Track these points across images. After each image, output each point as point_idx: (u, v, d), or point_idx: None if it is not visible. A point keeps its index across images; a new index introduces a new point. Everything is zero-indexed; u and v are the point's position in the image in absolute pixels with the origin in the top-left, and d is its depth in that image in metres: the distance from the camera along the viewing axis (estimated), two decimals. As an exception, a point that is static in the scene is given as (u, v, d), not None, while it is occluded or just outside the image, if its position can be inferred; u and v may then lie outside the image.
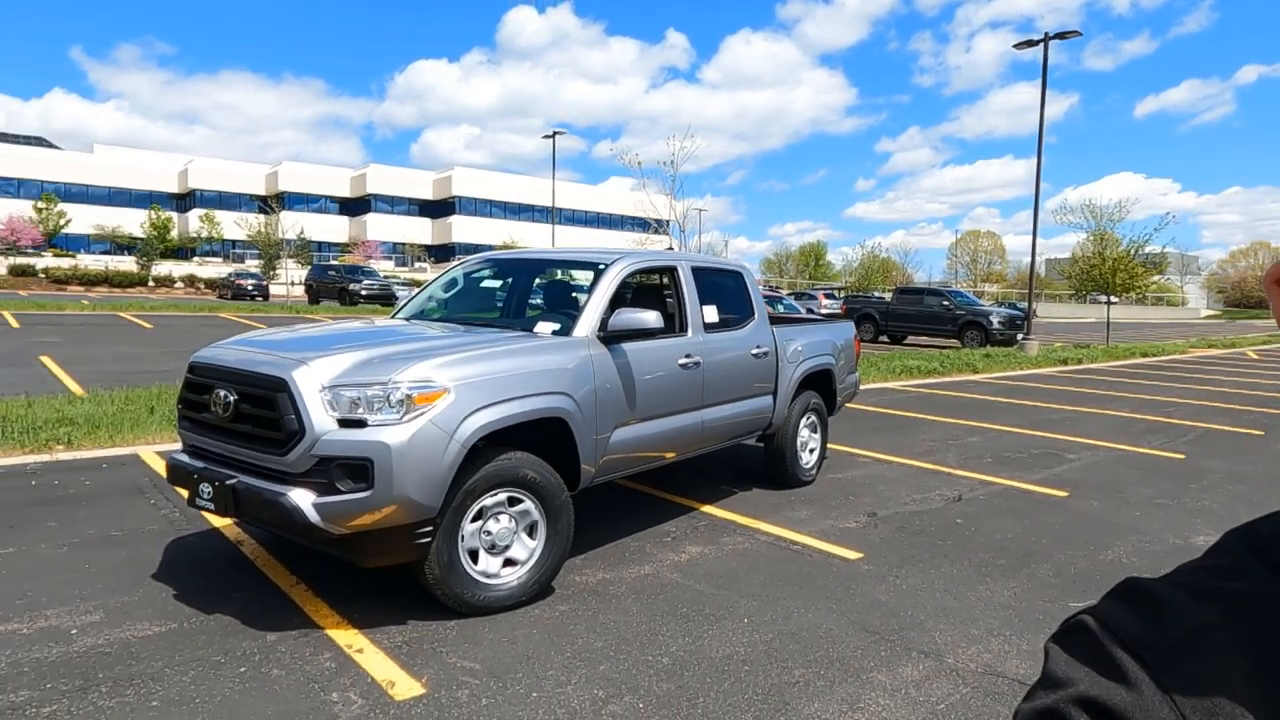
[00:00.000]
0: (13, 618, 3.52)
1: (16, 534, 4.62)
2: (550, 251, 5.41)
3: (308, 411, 3.29)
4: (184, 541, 4.60)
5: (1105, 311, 58.92)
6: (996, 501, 6.03)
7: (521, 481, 3.72)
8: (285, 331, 4.30)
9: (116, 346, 15.59)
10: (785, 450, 6.03)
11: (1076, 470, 7.17)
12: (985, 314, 23.76)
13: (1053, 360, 18.66)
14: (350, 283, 34.33)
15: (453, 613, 3.66)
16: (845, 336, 6.94)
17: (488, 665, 3.22)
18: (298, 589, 3.93)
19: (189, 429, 3.85)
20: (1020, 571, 4.52)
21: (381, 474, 3.25)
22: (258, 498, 3.36)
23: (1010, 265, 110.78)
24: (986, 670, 3.31)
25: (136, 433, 7.20)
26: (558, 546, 3.87)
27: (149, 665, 3.14)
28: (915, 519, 5.49)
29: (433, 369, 3.47)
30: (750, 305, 5.71)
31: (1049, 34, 20.51)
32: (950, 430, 9.07)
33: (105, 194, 69.97)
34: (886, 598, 4.07)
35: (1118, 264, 23.53)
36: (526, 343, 4.02)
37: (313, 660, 3.23)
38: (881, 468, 7.06)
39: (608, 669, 3.23)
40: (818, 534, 5.08)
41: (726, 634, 3.59)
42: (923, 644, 3.55)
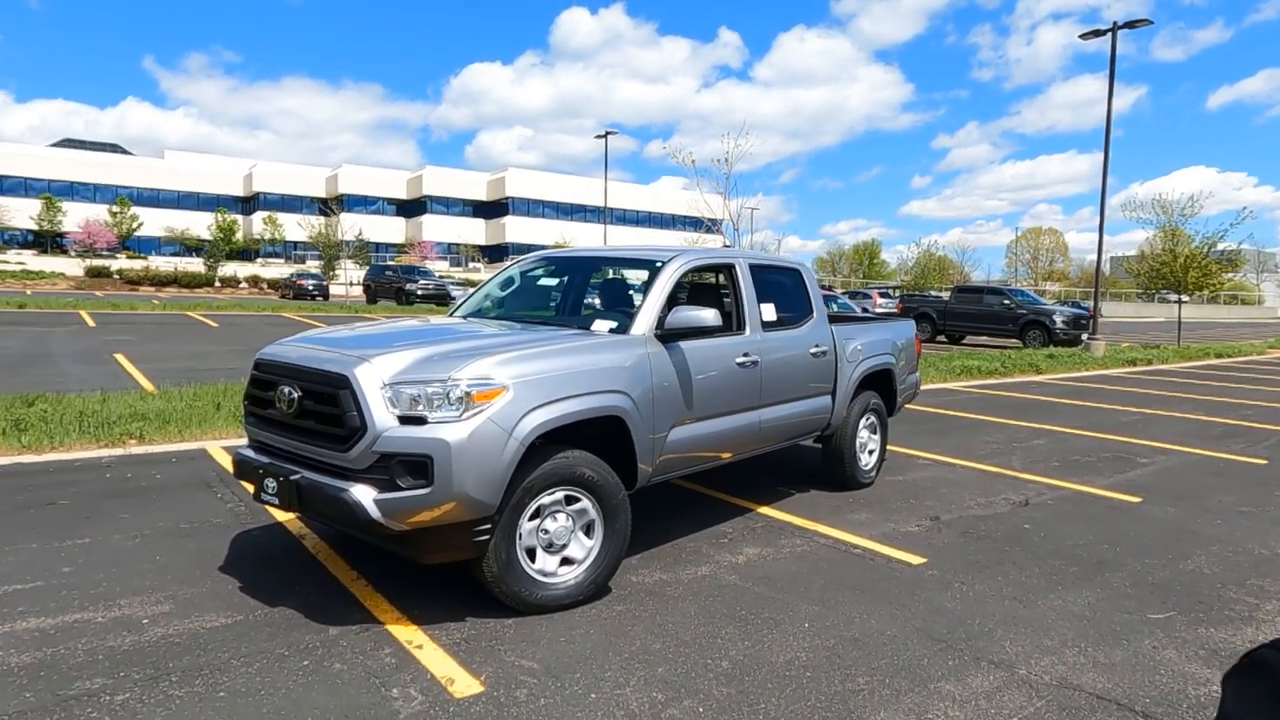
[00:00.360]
0: (89, 607, 3.62)
1: (92, 525, 4.77)
2: (606, 249, 5.39)
3: (369, 408, 3.32)
4: (249, 535, 4.70)
5: (1175, 311, 56.75)
6: (1065, 507, 5.81)
7: (579, 480, 3.70)
8: (346, 329, 4.36)
9: (185, 345, 16.11)
10: (844, 451, 5.91)
11: (1150, 475, 6.88)
12: (1048, 313, 23.04)
13: (1120, 361, 18.01)
14: (406, 283, 34.94)
15: (510, 611, 3.66)
16: (906, 335, 6.77)
17: (546, 664, 3.21)
18: (358, 584, 3.97)
19: (255, 425, 3.92)
20: (1094, 580, 4.34)
21: (441, 471, 3.26)
22: (321, 493, 3.40)
23: (1073, 263, 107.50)
24: (1061, 683, 3.17)
25: (204, 428, 7.40)
26: (615, 546, 3.84)
27: (216, 656, 3.20)
28: (980, 524, 5.33)
29: (491, 366, 3.46)
30: (809, 303, 5.60)
31: (1118, 23, 19.80)
32: (1014, 432, 8.80)
33: (175, 198, 72.50)
34: (952, 605, 3.94)
35: (1189, 261, 22.59)
36: (584, 340, 4.00)
37: (373, 655, 3.25)
38: (943, 470, 6.87)
39: (666, 671, 3.19)
40: (878, 538, 4.96)
41: (787, 638, 3.51)
42: (992, 653, 3.42)
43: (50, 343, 15.27)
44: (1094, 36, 20.35)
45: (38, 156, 68.36)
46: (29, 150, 69.38)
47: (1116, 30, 19.86)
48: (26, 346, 14.53)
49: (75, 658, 3.15)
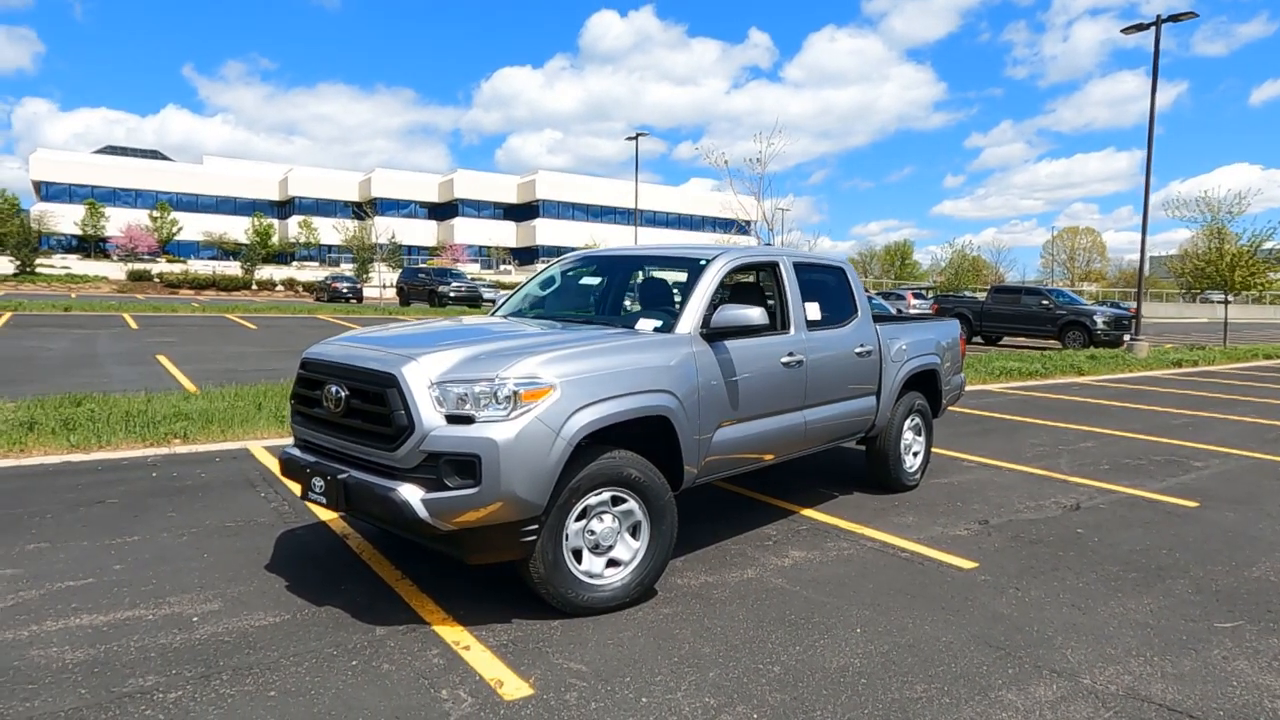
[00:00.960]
0: (139, 604, 3.65)
1: (141, 523, 4.82)
2: (647, 248, 5.33)
3: (417, 407, 3.30)
4: (294, 534, 4.71)
5: (1220, 311, 55.31)
6: (1119, 511, 5.64)
7: (625, 481, 3.65)
8: (394, 328, 4.35)
9: (225, 346, 16.35)
10: (888, 453, 5.80)
11: (1206, 479, 6.67)
12: (1088, 313, 22.57)
13: (1165, 362, 17.58)
14: (439, 285, 35.20)
15: (556, 612, 3.62)
16: (950, 335, 6.64)
17: (595, 667, 3.16)
18: (403, 584, 3.96)
19: (301, 424, 3.92)
20: (1154, 587, 4.19)
21: (489, 470, 3.23)
22: (369, 492, 3.38)
23: (1111, 263, 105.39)
24: (1129, 694, 3.06)
25: (246, 428, 7.48)
26: (661, 548, 3.78)
27: (266, 655, 3.20)
28: (1031, 528, 5.19)
29: (538, 365, 3.43)
30: (853, 302, 5.50)
31: (1161, 17, 19.34)
32: (1060, 435, 8.60)
33: (213, 203, 73.90)
34: (1008, 611, 3.83)
35: (1236, 260, 22.00)
36: (629, 339, 3.95)
37: (421, 656, 3.23)
38: (988, 473, 6.72)
39: (717, 676, 3.12)
40: (927, 541, 4.85)
41: (839, 644, 3.43)
42: (1053, 662, 3.31)
43: (95, 344, 15.59)
44: (1136, 31, 19.90)
45: (82, 163, 70.10)
46: (73, 157, 71.19)
47: (1160, 24, 19.40)
48: (73, 348, 14.84)
49: (128, 655, 3.16)
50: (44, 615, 3.50)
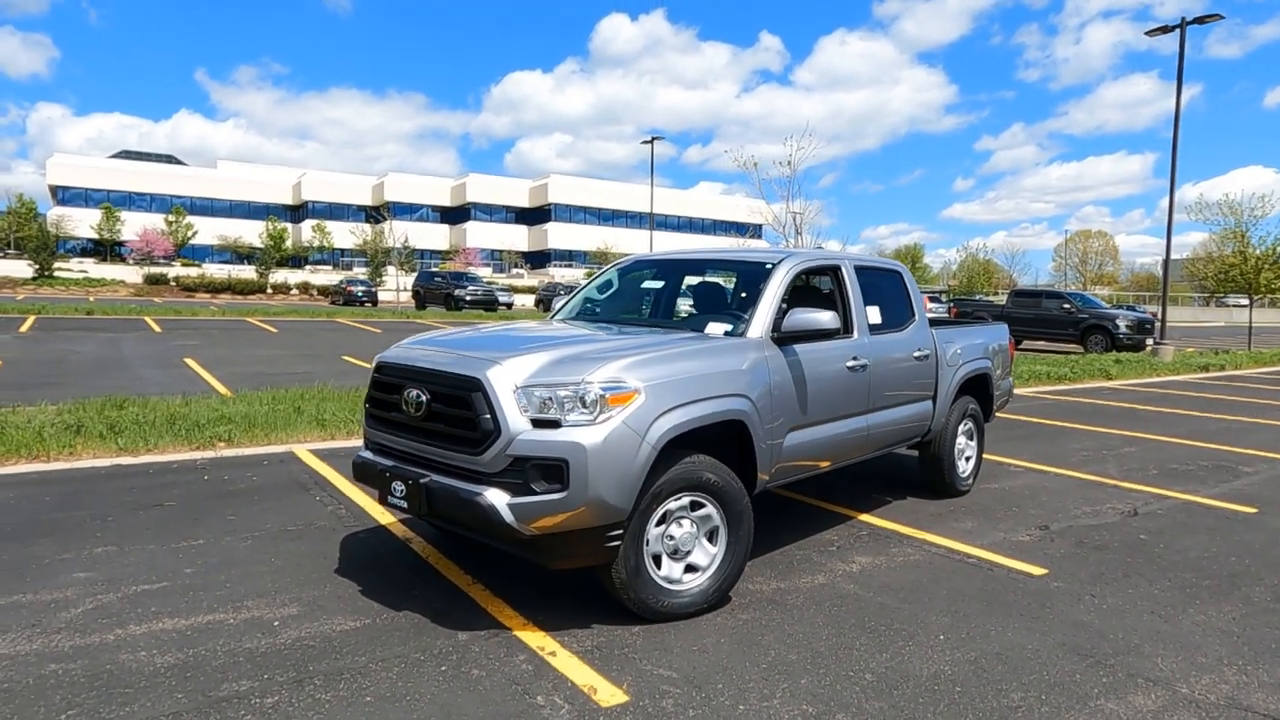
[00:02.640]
0: (218, 608, 3.64)
1: (202, 527, 4.82)
2: (707, 252, 5.31)
3: (502, 411, 3.29)
4: (356, 537, 4.71)
5: (1236, 315, 54.83)
6: (1178, 517, 5.59)
7: (704, 485, 3.63)
8: (465, 332, 4.34)
9: (249, 349, 16.40)
10: (943, 458, 5.76)
11: (1259, 485, 6.60)
12: (1110, 317, 22.42)
13: (1191, 366, 17.44)
14: (455, 289, 35.29)
15: (634, 618, 3.60)
16: (1000, 339, 6.59)
17: (685, 674, 3.13)
18: (475, 588, 3.94)
19: (377, 427, 3.91)
20: (1232, 594, 4.14)
21: (576, 475, 3.21)
22: (453, 497, 3.37)
23: (1123, 267, 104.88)
24: (1230, 703, 3.01)
25: (289, 431, 7.48)
26: (738, 554, 3.76)
27: (354, 660, 3.18)
28: (1093, 534, 5.14)
29: (622, 370, 3.41)
30: (910, 306, 5.47)
31: (1185, 19, 19.24)
32: (1102, 439, 8.53)
33: (227, 207, 74.33)
34: (1088, 618, 3.79)
35: (1262, 263, 21.84)
36: (705, 344, 3.93)
37: (508, 662, 3.21)
38: (1037, 477, 6.67)
39: (810, 683, 3.09)
40: (991, 547, 4.81)
41: (925, 651, 3.40)
42: (1146, 670, 3.26)
43: (122, 348, 15.67)
44: (1161, 33, 19.79)
45: (98, 168, 70.62)
46: (90, 162, 71.72)
47: (1185, 27, 19.30)
48: (101, 351, 14.92)
49: (216, 659, 3.16)
50: (126, 619, 3.50)
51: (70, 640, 3.29)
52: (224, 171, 77.75)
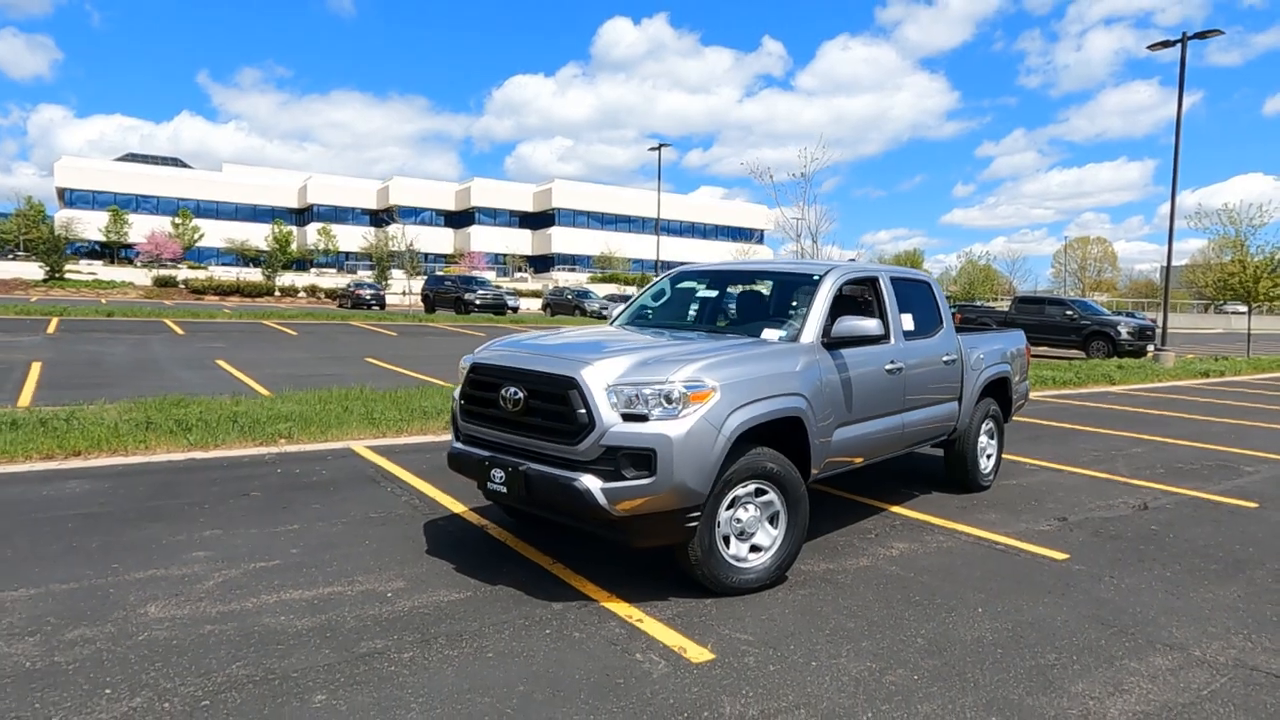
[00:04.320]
0: (334, 582, 4.08)
1: (291, 514, 5.26)
2: (755, 263, 5.78)
3: (597, 407, 3.73)
4: (436, 524, 5.14)
5: (1234, 322, 55.24)
6: (1185, 511, 6.03)
7: (767, 474, 4.07)
8: (548, 335, 4.79)
9: (274, 352, 16.83)
10: (967, 455, 6.20)
11: (1260, 483, 7.05)
12: (1112, 324, 22.91)
13: (1192, 372, 17.92)
14: (465, 292, 35.73)
15: (705, 592, 4.03)
16: (1018, 345, 7.05)
17: (760, 637, 3.57)
18: (557, 567, 4.38)
19: (472, 421, 4.34)
20: (1237, 577, 4.59)
21: (663, 463, 3.65)
22: (551, 482, 3.81)
23: (1122, 273, 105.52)
24: (1238, 664, 3.45)
25: (343, 429, 7.91)
26: (796, 536, 4.19)
27: (467, 625, 3.62)
28: (1108, 525, 5.58)
29: (699, 370, 3.86)
30: (939, 313, 5.92)
31: (1187, 34, 19.75)
32: (1110, 441, 8.98)
33: (232, 210, 74.82)
34: (1109, 596, 4.23)
35: (1261, 271, 22.32)
36: (767, 348, 4.38)
37: (603, 627, 3.65)
38: (1052, 475, 7.11)
39: (870, 645, 3.53)
40: (1016, 535, 5.25)
41: (966, 621, 3.84)
42: (1163, 638, 3.71)
43: (152, 349, 16.09)
44: (1163, 47, 20.31)
45: (105, 170, 71.10)
46: (97, 164, 72.18)
47: (1186, 41, 19.81)
48: (133, 353, 15.34)
49: (347, 624, 3.59)
50: (256, 590, 3.93)
51: (214, 607, 3.72)
52: (229, 175, 78.29)
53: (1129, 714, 3.00)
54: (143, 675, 3.07)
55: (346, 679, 3.09)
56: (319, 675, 3.11)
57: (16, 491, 5.58)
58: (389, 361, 15.47)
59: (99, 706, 2.84)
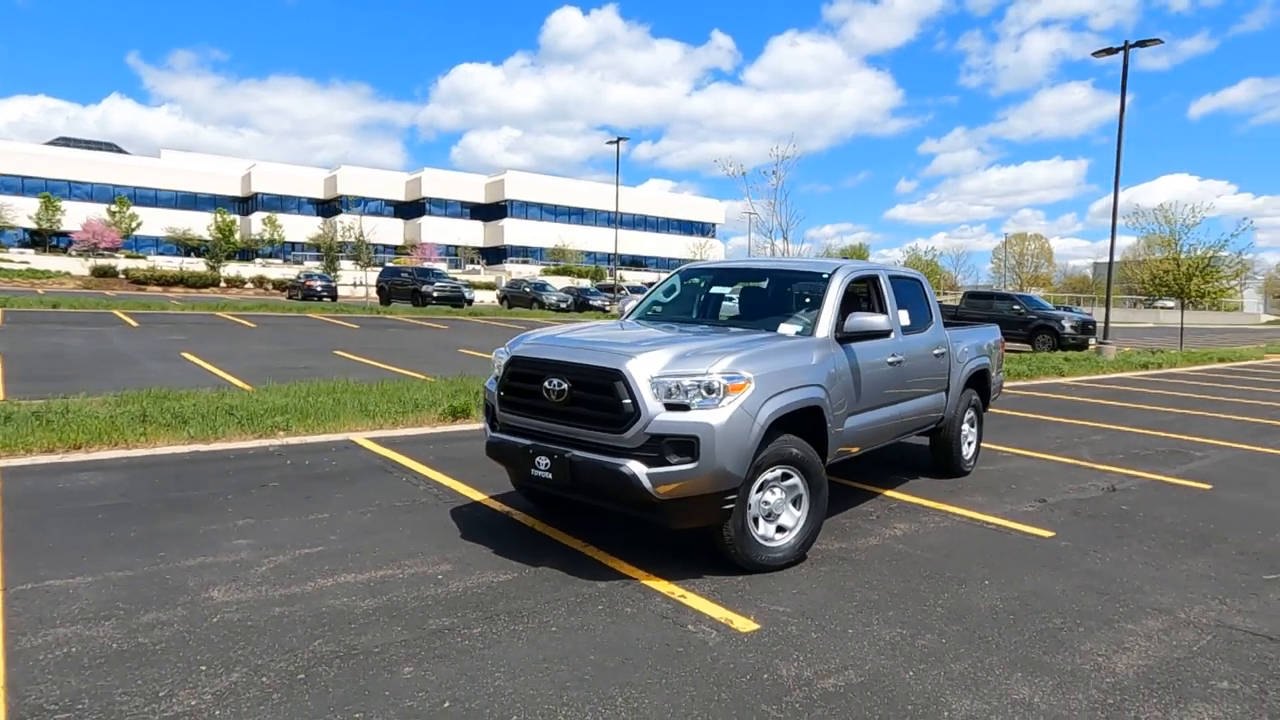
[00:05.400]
0: (383, 566, 4.25)
1: (317, 503, 5.38)
2: (765, 261, 6.08)
3: (642, 397, 3.97)
4: (462, 511, 5.33)
5: (1163, 316, 57.72)
6: (1149, 493, 6.54)
7: (793, 460, 4.37)
8: (581, 329, 5.01)
9: (240, 344, 16.61)
10: (952, 442, 6.61)
11: (1210, 467, 7.63)
12: (1057, 319, 23.97)
13: (1133, 364, 18.89)
14: (422, 284, 35.43)
15: (735, 570, 4.32)
16: (994, 339, 7.50)
17: (797, 609, 3.87)
18: (591, 549, 4.62)
19: (513, 411, 4.54)
20: (1205, 550, 5.05)
21: (705, 449, 3.92)
22: (597, 468, 4.04)
23: (1057, 269, 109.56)
24: (1218, 624, 3.88)
25: (339, 422, 7.99)
26: (817, 517, 4.51)
27: (523, 603, 3.84)
28: (1084, 505, 6.04)
29: (735, 363, 4.13)
30: (929, 309, 6.30)
31: (1129, 42, 20.72)
32: (1072, 429, 9.56)
33: (172, 197, 72.50)
34: (1098, 568, 4.64)
35: (1193, 270, 23.57)
36: (789, 342, 4.68)
37: (650, 602, 3.90)
38: (1025, 461, 7.59)
39: (896, 615, 3.86)
40: (1004, 515, 5.66)
41: (977, 592, 4.20)
42: (1151, 603, 4.12)
43: (112, 342, 15.74)
44: (1107, 54, 21.26)
45: (34, 154, 68.18)
46: (26, 148, 69.16)
47: (1128, 49, 20.78)
48: (93, 345, 15.00)
49: (410, 603, 3.78)
50: (310, 575, 4.09)
51: (275, 590, 3.87)
52: (169, 161, 75.82)
53: (1134, 668, 3.38)
54: (230, 653, 3.22)
55: (427, 653, 3.29)
56: (399, 650, 3.30)
57: (30, 484, 5.59)
58: (358, 354, 15.41)
59: (200, 681, 3.00)
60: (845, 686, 3.14)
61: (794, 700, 3.02)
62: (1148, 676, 3.31)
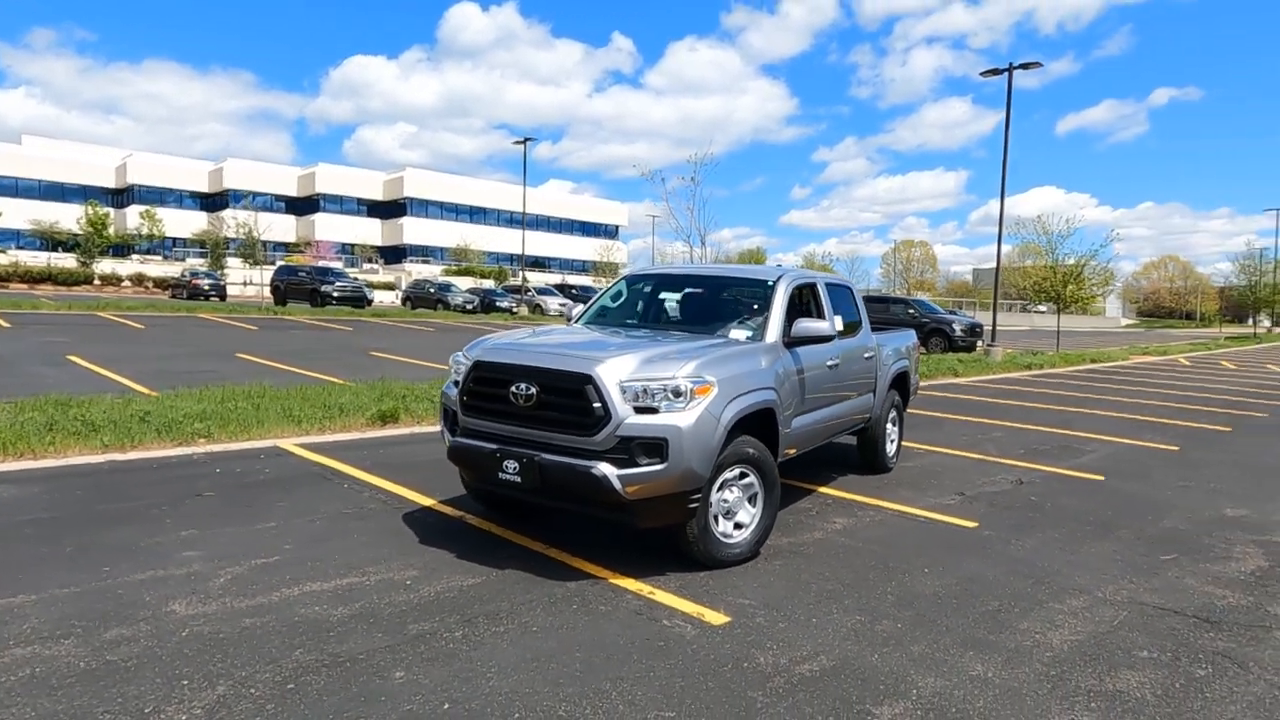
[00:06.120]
0: (345, 574, 4.20)
1: (260, 512, 5.23)
2: (711, 268, 6.30)
3: (612, 401, 4.09)
4: (415, 516, 5.29)
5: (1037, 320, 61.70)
6: (1052, 484, 7.11)
7: (750, 459, 4.57)
8: (542, 335, 5.06)
9: (131, 347, 15.70)
10: (878, 440, 7.00)
11: (1100, 460, 8.34)
12: (948, 322, 25.41)
13: (1018, 365, 20.24)
14: (321, 284, 34.22)
15: (696, 566, 4.48)
16: (912, 342, 7.97)
17: (761, 601, 4.07)
18: (553, 550, 4.69)
19: (478, 416, 4.55)
20: (1109, 535, 5.56)
21: (674, 450, 4.07)
22: (567, 471, 4.13)
23: (940, 274, 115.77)
24: (1131, 601, 4.31)
25: (264, 428, 7.73)
26: (771, 514, 4.73)
27: (498, 605, 3.89)
28: (998, 498, 6.52)
29: (700, 367, 4.30)
30: (859, 314, 6.66)
31: (1013, 64, 22.19)
32: (975, 428, 10.22)
33: (36, 187, 67.34)
34: (1020, 554, 5.05)
35: (1068, 278, 25.45)
36: (744, 347, 4.88)
37: (622, 600, 4.02)
38: (939, 458, 8.10)
39: (852, 603, 4.12)
40: (930, 508, 6.06)
41: (920, 579, 4.51)
42: (1072, 585, 4.53)
43: (-14, 344, 14.57)
44: (994, 74, 22.72)
45: (-127, 137, 61.85)
46: None
47: (1012, 70, 22.26)
48: (-35, 347, 13.85)
49: (385, 610, 3.76)
50: (273, 585, 4.00)
51: (241, 602, 3.78)
52: (31, 148, 70.20)
53: (1068, 643, 3.74)
54: (210, 667, 3.15)
55: (414, 657, 3.30)
56: (385, 655, 3.31)
57: (-65, 499, 5.20)
58: (264, 357, 14.82)
59: (185, 696, 2.92)
60: (820, 671, 3.34)
61: (777, 686, 3.20)
62: (1080, 649, 3.67)
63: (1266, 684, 3.40)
